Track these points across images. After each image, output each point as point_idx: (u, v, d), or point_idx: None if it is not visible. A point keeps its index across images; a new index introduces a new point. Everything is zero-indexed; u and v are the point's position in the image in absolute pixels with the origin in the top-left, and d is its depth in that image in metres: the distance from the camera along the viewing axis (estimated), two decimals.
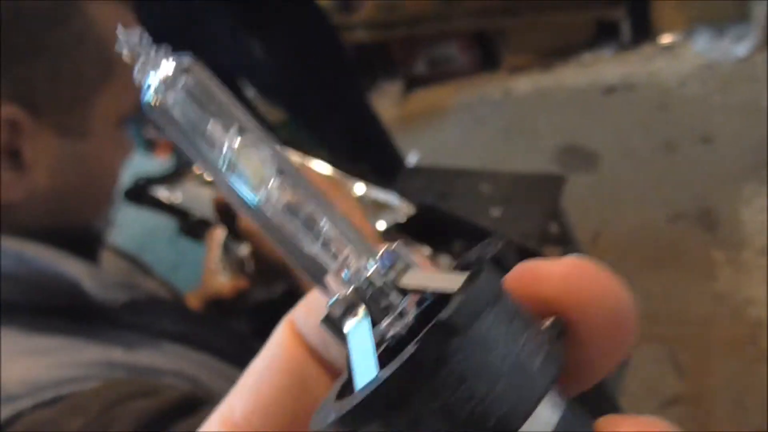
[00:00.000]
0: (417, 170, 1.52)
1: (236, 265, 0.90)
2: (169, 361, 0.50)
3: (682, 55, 2.39)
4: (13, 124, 0.46)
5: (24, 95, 0.47)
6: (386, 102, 2.70)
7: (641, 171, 2.11)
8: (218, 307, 0.92)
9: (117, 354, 0.46)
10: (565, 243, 1.47)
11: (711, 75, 2.26)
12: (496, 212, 1.33)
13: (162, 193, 1.19)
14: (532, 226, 1.29)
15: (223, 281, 0.91)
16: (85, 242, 0.55)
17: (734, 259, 1.80)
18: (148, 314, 0.52)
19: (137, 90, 0.61)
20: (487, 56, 2.69)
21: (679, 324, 1.73)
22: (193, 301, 0.94)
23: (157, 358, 0.49)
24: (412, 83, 2.78)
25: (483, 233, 1.07)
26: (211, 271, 0.93)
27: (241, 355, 0.60)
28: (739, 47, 2.23)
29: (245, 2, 1.07)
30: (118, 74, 0.52)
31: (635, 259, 1.90)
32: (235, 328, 0.60)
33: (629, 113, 2.30)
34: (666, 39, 2.42)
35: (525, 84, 2.58)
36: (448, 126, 2.58)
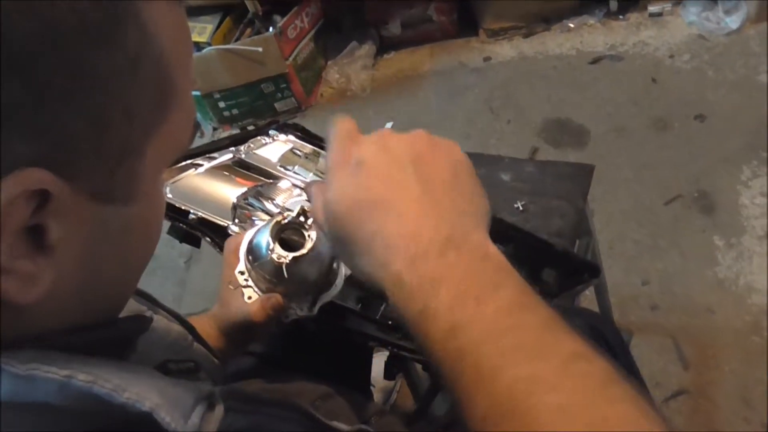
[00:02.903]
0: None
1: (272, 275, 0.72)
2: None
3: (671, 25, 2.29)
4: (39, 195, 0.30)
5: (57, 153, 0.30)
6: (357, 65, 2.50)
7: (633, 149, 2.02)
8: (246, 332, 0.75)
9: None
10: (583, 236, 1.36)
11: (702, 47, 2.18)
12: (520, 205, 1.20)
13: None
14: (564, 223, 1.17)
15: (249, 298, 0.73)
16: (117, 335, 0.39)
17: (734, 244, 1.74)
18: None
19: (191, 122, 0.42)
20: (465, 20, 2.52)
21: (682, 313, 1.67)
22: (207, 327, 0.76)
23: None
24: (385, 46, 2.59)
25: (537, 243, 0.93)
26: (231, 288, 0.75)
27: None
28: (731, 19, 2.15)
29: None
30: (176, 106, 0.36)
31: (631, 243, 1.82)
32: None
33: (618, 86, 2.19)
34: (654, 7, 2.31)
35: (506, 50, 2.43)
36: (425, 93, 2.42)
